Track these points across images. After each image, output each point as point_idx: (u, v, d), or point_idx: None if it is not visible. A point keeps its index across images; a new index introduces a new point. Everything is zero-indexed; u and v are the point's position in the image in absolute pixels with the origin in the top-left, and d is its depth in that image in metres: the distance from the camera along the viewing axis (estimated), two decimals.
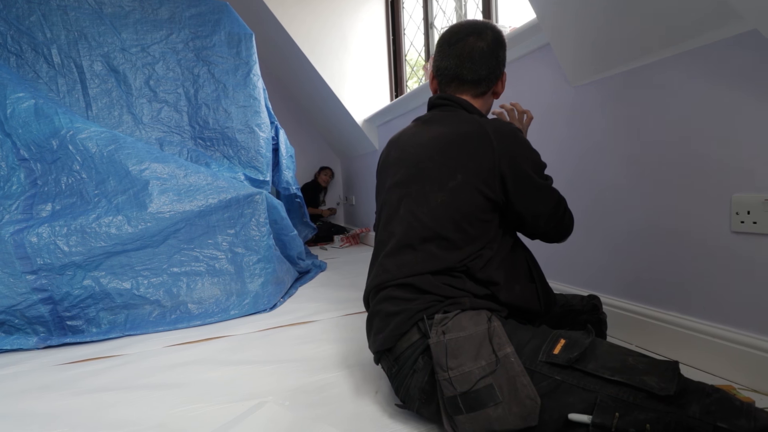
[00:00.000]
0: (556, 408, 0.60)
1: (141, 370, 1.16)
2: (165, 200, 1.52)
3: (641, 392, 0.55)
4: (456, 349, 0.65)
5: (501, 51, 0.87)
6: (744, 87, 0.88)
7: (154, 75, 1.84)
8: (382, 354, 0.82)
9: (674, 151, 1.04)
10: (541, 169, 0.82)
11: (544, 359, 0.63)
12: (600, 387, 0.58)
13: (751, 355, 0.90)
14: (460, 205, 0.76)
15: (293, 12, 2.89)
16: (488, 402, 0.61)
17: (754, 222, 0.88)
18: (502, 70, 0.89)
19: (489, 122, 0.80)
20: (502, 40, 0.86)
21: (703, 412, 0.51)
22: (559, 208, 0.84)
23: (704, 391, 0.54)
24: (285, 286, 1.84)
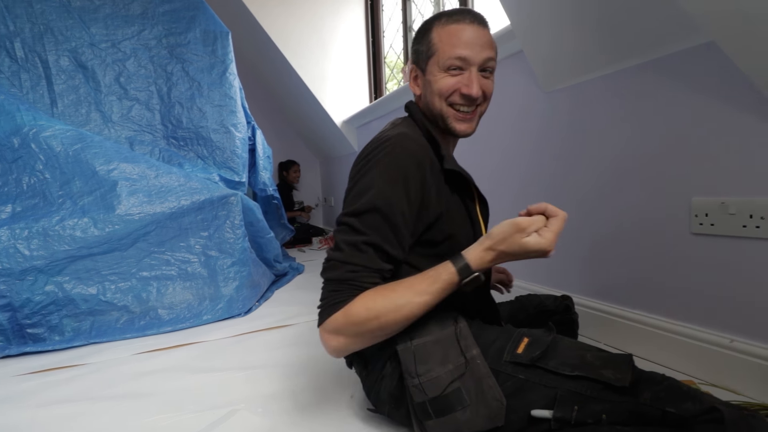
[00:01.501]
0: (521, 406, 0.61)
1: (107, 379, 1.11)
2: (134, 202, 1.47)
3: (598, 385, 0.58)
4: (424, 355, 0.66)
5: (414, 43, 0.79)
6: (702, 95, 0.93)
7: (125, 72, 1.78)
8: (353, 358, 0.81)
9: (639, 156, 1.08)
10: (356, 204, 0.65)
11: (509, 359, 0.64)
12: (560, 383, 0.60)
13: (711, 351, 0.94)
14: None
15: (272, 12, 2.86)
16: (456, 406, 0.62)
17: (711, 224, 0.92)
18: (412, 63, 0.80)
19: (388, 134, 0.71)
20: (418, 30, 0.79)
21: (654, 398, 0.55)
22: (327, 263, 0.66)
23: (655, 380, 0.57)
24: (261, 289, 1.80)
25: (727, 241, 0.91)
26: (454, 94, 0.72)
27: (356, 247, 0.64)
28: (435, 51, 0.72)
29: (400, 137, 0.69)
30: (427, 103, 0.76)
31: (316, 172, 4.33)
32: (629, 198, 1.11)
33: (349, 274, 0.63)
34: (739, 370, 0.89)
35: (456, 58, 0.70)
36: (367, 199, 0.64)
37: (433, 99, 0.74)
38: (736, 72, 0.83)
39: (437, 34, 0.72)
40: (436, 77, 0.72)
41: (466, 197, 0.77)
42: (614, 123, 1.14)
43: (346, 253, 0.64)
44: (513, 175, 1.52)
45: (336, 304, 0.63)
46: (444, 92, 0.72)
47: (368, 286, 0.63)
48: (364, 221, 0.64)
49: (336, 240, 0.66)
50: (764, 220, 0.84)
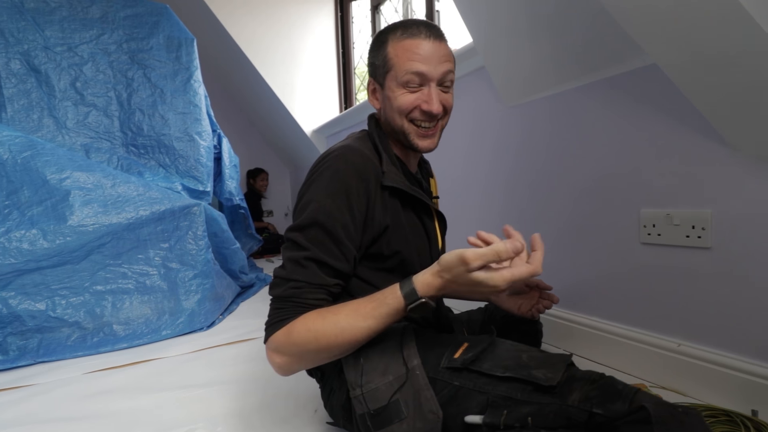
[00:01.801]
0: (457, 414, 0.60)
1: (54, 401, 1.05)
2: (88, 212, 1.40)
3: (528, 386, 0.56)
4: (365, 365, 0.64)
5: (369, 56, 0.77)
6: (648, 114, 0.99)
7: (82, 76, 1.71)
8: (311, 370, 0.80)
9: (592, 170, 1.13)
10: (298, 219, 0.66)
11: (445, 365, 0.63)
12: (492, 387, 0.58)
13: (659, 354, 0.99)
14: None
15: (240, 20, 2.83)
16: (394, 419, 0.61)
17: (658, 234, 0.98)
18: (369, 76, 0.78)
19: (337, 146, 0.72)
20: (372, 42, 0.76)
21: (582, 399, 0.52)
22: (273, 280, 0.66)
23: (590, 379, 0.54)
24: (225, 302, 1.75)
25: (673, 251, 0.96)
26: (414, 111, 0.72)
27: (298, 263, 0.63)
28: (391, 66, 0.71)
29: (343, 150, 0.69)
30: (387, 119, 0.75)
31: (286, 181, 4.28)
32: (583, 209, 1.16)
33: (291, 290, 0.62)
34: (686, 372, 0.94)
35: (414, 73, 0.69)
36: (309, 213, 0.64)
37: (393, 116, 0.73)
38: (678, 93, 0.89)
39: (393, 49, 0.71)
40: (394, 93, 0.71)
41: (421, 212, 0.76)
42: (569, 137, 1.19)
43: (288, 269, 0.64)
44: (474, 186, 1.56)
45: (279, 321, 0.62)
46: (404, 109, 0.71)
47: (312, 302, 0.63)
48: (307, 236, 0.64)
49: (282, 257, 0.66)
50: (705, 230, 0.90)
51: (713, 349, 0.91)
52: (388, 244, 0.71)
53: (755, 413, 0.81)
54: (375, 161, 0.71)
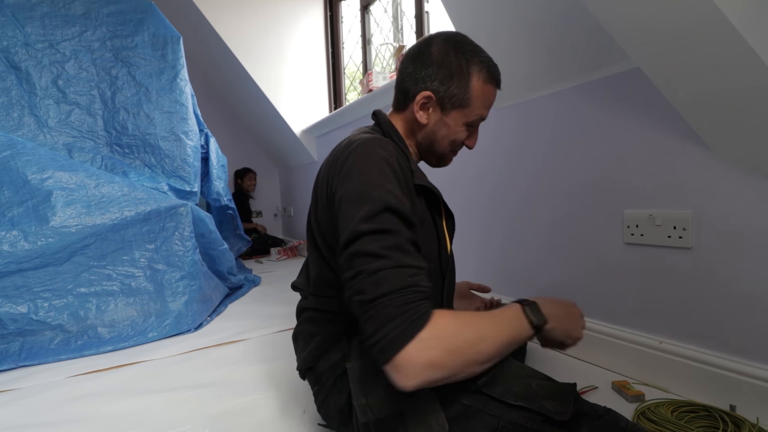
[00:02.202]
0: None
1: (37, 405, 1.03)
2: (71, 213, 1.37)
3: (539, 416, 0.58)
4: (373, 375, 0.64)
5: (413, 63, 0.73)
6: (630, 116, 1.01)
7: (64, 74, 1.67)
8: (305, 372, 0.80)
9: (578, 171, 1.15)
10: (363, 209, 0.57)
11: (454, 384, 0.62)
12: (503, 412, 0.60)
13: (642, 352, 1.01)
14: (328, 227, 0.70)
15: (228, 18, 2.80)
16: (399, 429, 0.61)
17: (641, 234, 1.00)
18: (419, 88, 0.72)
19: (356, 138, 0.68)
20: (432, 53, 0.71)
21: None
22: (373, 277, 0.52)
23: (596, 414, 0.58)
24: (213, 303, 1.73)
25: (655, 250, 0.98)
26: (459, 144, 0.78)
27: (401, 250, 0.54)
28: (468, 105, 0.72)
29: (378, 141, 0.66)
30: (433, 140, 0.76)
31: (275, 181, 4.25)
32: (569, 209, 1.18)
33: (410, 279, 0.52)
34: (668, 369, 0.96)
35: (481, 119, 0.76)
36: (376, 200, 0.56)
37: (443, 143, 0.76)
38: (661, 96, 0.91)
39: (477, 90, 0.72)
40: (458, 127, 0.75)
41: (434, 212, 0.75)
42: (555, 140, 1.21)
43: (395, 258, 0.52)
44: (462, 186, 1.57)
45: (422, 315, 0.50)
46: (457, 143, 0.77)
47: (427, 290, 0.53)
48: (385, 222, 0.55)
49: (369, 251, 0.53)
50: (686, 231, 0.92)
51: (694, 347, 0.93)
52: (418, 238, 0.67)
53: (733, 408, 0.84)
54: (404, 158, 0.69)
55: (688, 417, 0.83)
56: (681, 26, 0.70)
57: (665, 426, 0.79)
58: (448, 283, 0.77)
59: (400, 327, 0.49)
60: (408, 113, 0.76)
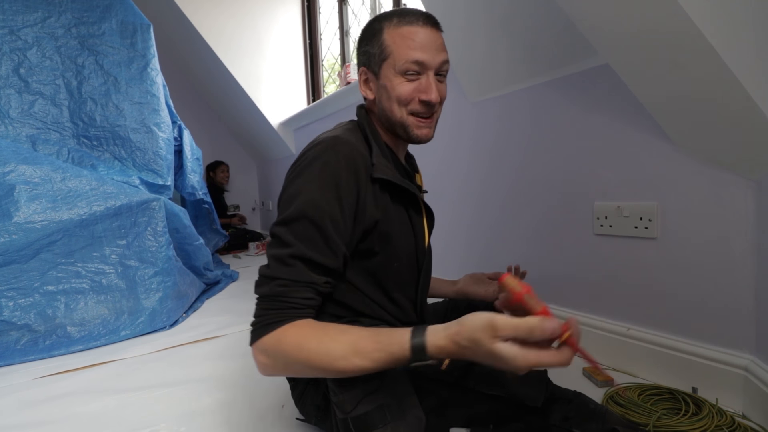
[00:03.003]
0: (440, 423, 0.63)
1: (4, 407, 0.99)
2: (36, 208, 1.32)
3: (513, 403, 0.60)
4: None
5: (357, 49, 0.75)
6: (599, 111, 1.04)
7: (26, 62, 1.59)
8: None
9: (551, 165, 1.18)
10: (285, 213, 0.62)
11: (432, 376, 0.65)
12: (478, 401, 0.62)
13: (611, 338, 1.05)
14: None
15: (201, 6, 2.71)
16: (378, 423, 0.60)
17: (610, 226, 1.04)
18: (359, 69, 0.75)
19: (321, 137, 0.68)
20: (365, 29, 0.73)
21: (563, 418, 0.58)
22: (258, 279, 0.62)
23: (566, 398, 0.61)
24: (188, 300, 1.70)
25: (623, 241, 1.02)
26: (413, 102, 0.69)
27: (282, 261, 0.60)
28: (389, 54, 0.68)
29: (332, 140, 0.65)
30: (384, 109, 0.71)
31: (252, 175, 4.18)
32: (543, 201, 1.21)
33: (278, 288, 0.59)
34: (636, 355, 1.00)
35: (413, 62, 0.66)
36: (296, 206, 0.60)
37: (392, 106, 0.70)
38: (629, 92, 0.94)
39: (390, 36, 0.68)
40: (392, 83, 0.68)
41: (410, 208, 0.74)
42: (528, 134, 1.23)
43: (272, 268, 0.60)
44: (437, 180, 1.59)
45: (268, 325, 0.58)
46: (403, 99, 0.69)
47: (300, 301, 0.59)
48: (293, 230, 0.60)
49: (269, 253, 0.62)
50: (651, 221, 0.96)
51: (659, 332, 0.97)
52: (378, 239, 0.68)
53: (695, 390, 0.89)
54: (365, 152, 0.68)
55: (653, 400, 0.87)
56: (647, 24, 0.73)
57: (632, 409, 0.83)
58: (424, 277, 0.77)
59: (254, 327, 0.59)
60: (366, 99, 0.76)
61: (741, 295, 0.84)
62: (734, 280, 0.84)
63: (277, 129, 3.14)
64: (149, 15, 2.07)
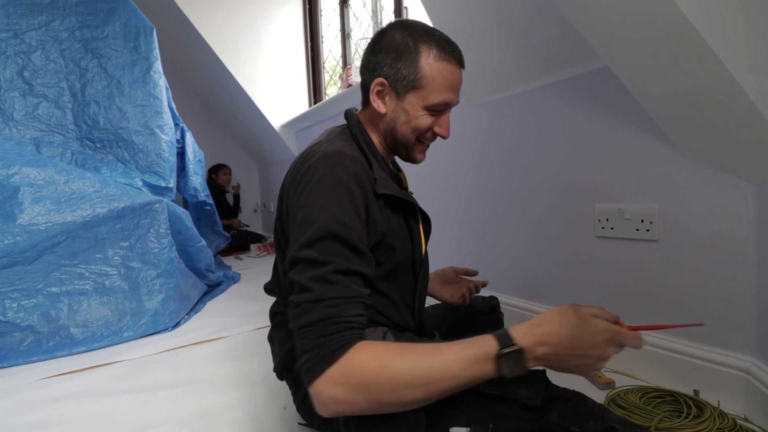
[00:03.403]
0: (441, 423, 0.63)
1: (8, 408, 1.00)
2: (40, 210, 1.33)
3: (513, 403, 0.60)
4: None
5: (369, 54, 0.73)
6: (600, 113, 1.04)
7: (30, 65, 1.61)
8: (282, 372, 0.80)
9: (552, 167, 1.18)
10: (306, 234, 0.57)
11: None
12: (479, 401, 0.62)
13: None
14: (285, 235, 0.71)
15: (204, 10, 2.73)
16: (379, 423, 0.60)
17: (611, 228, 1.04)
18: (372, 76, 0.71)
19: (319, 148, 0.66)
20: (381, 40, 0.71)
21: (561, 417, 0.58)
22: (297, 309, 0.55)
23: (564, 397, 0.61)
24: (191, 301, 1.71)
25: (624, 243, 1.02)
26: (427, 132, 0.72)
27: (325, 280, 0.55)
28: (423, 86, 0.67)
29: (338, 156, 0.63)
30: (394, 128, 0.72)
31: (254, 176, 4.19)
32: (544, 204, 1.21)
33: (330, 310, 0.53)
34: (636, 357, 1.00)
35: (444, 103, 0.69)
36: (319, 225, 0.57)
37: (406, 131, 0.71)
38: (629, 95, 0.94)
39: (429, 68, 0.67)
40: (416, 113, 0.69)
41: (409, 216, 0.74)
42: (530, 136, 1.23)
43: (316, 291, 0.54)
44: (438, 183, 1.59)
45: (333, 352, 0.51)
46: (422, 130, 0.70)
47: (355, 319, 0.54)
48: (323, 249, 0.56)
49: (298, 281, 0.56)
50: (652, 224, 0.96)
51: (660, 335, 0.97)
52: (384, 251, 0.68)
53: (697, 393, 0.89)
54: (367, 167, 0.67)
55: (655, 402, 0.87)
56: (647, 27, 0.73)
57: (634, 411, 0.83)
58: (421, 284, 0.77)
59: (311, 361, 0.51)
60: (370, 107, 0.74)
61: (742, 297, 0.84)
62: (735, 283, 0.84)
63: (279, 131, 3.15)
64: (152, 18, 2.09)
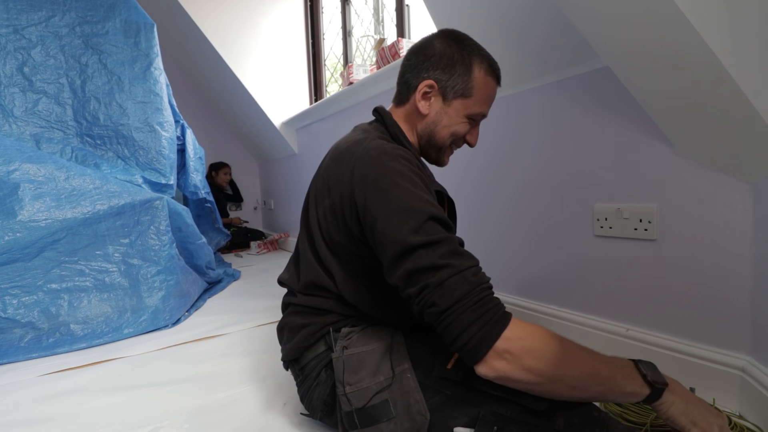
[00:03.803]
0: (444, 422, 0.63)
1: (8, 404, 1.00)
2: (40, 206, 1.33)
3: (518, 407, 0.60)
4: (357, 364, 0.66)
5: (415, 56, 0.75)
6: (600, 113, 1.04)
7: (30, 61, 1.60)
8: (289, 363, 0.81)
9: (552, 165, 1.18)
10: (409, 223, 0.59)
11: (437, 374, 0.65)
12: (484, 402, 0.62)
13: (610, 339, 1.06)
14: (329, 229, 0.72)
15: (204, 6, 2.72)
16: (382, 418, 0.63)
17: (610, 227, 1.04)
18: (421, 77, 0.74)
19: (369, 144, 0.68)
20: (428, 45, 0.74)
21: (567, 424, 0.58)
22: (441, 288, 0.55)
23: (570, 405, 0.60)
24: (191, 298, 1.71)
25: (622, 242, 1.03)
26: (462, 138, 0.78)
27: (456, 254, 0.57)
28: (471, 95, 0.73)
29: (397, 150, 0.67)
30: (433, 131, 0.76)
31: (254, 174, 4.19)
32: (544, 203, 1.22)
33: (474, 278, 0.56)
34: (633, 355, 1.01)
35: (482, 115, 0.76)
36: (418, 212, 0.59)
37: (444, 134, 0.76)
38: (629, 95, 0.95)
39: (480, 81, 0.73)
40: (458, 118, 0.75)
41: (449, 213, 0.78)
42: (530, 136, 1.24)
43: (455, 265, 0.56)
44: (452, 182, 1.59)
45: (499, 320, 0.54)
46: (458, 135, 0.76)
47: (490, 282, 0.59)
48: (432, 232, 0.58)
49: (425, 264, 0.56)
50: (651, 223, 0.96)
51: (657, 333, 0.98)
52: None
53: (693, 390, 0.89)
54: None
55: None
56: (647, 28, 0.73)
57: (631, 409, 0.84)
58: None
59: (483, 330, 0.54)
60: (409, 106, 0.77)
61: (738, 296, 0.84)
62: (731, 282, 0.85)
63: (280, 128, 3.14)
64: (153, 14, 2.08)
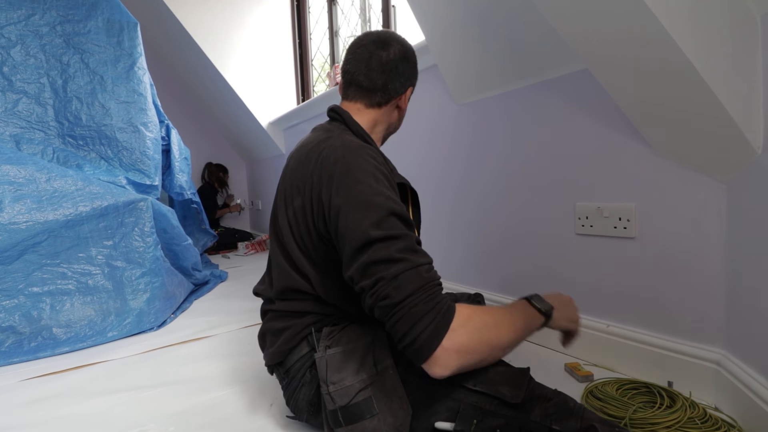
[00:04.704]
0: (426, 417, 0.65)
1: None
2: (20, 209, 1.30)
3: (496, 400, 0.62)
4: (340, 363, 0.67)
5: (403, 64, 0.81)
6: (581, 114, 1.07)
7: (9, 61, 1.57)
8: (274, 367, 0.81)
9: (534, 165, 1.20)
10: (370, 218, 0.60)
11: (419, 370, 0.65)
12: (464, 396, 0.64)
13: (592, 335, 1.08)
14: (299, 229, 0.73)
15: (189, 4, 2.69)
16: (365, 414, 0.64)
17: (591, 226, 1.07)
18: (404, 85, 0.82)
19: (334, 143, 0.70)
20: (407, 55, 0.82)
21: (543, 415, 0.60)
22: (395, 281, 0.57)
23: (546, 396, 0.62)
24: (177, 300, 1.70)
25: (603, 240, 1.05)
26: None
27: (412, 250, 0.59)
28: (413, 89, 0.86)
29: (362, 147, 0.70)
30: (396, 126, 0.89)
31: (242, 174, 4.16)
32: (526, 202, 1.24)
33: (427, 274, 0.59)
34: (614, 350, 1.04)
35: None
36: (379, 207, 0.61)
37: (400, 123, 0.89)
38: (608, 96, 0.97)
39: None
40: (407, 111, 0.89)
41: (411, 206, 0.78)
42: (514, 136, 1.26)
43: (410, 260, 0.58)
44: (427, 181, 1.61)
45: (447, 311, 0.57)
46: None
47: (440, 281, 0.61)
48: (392, 227, 0.59)
49: (383, 257, 0.57)
50: (630, 222, 0.99)
51: (637, 329, 1.01)
52: None
53: (671, 384, 0.92)
54: None
55: (630, 394, 0.90)
56: (624, 33, 0.75)
57: (610, 402, 0.86)
58: None
59: (433, 323, 0.56)
60: (387, 108, 0.83)
61: (713, 292, 0.87)
62: (707, 278, 0.88)
63: (267, 128, 3.13)
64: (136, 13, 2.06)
